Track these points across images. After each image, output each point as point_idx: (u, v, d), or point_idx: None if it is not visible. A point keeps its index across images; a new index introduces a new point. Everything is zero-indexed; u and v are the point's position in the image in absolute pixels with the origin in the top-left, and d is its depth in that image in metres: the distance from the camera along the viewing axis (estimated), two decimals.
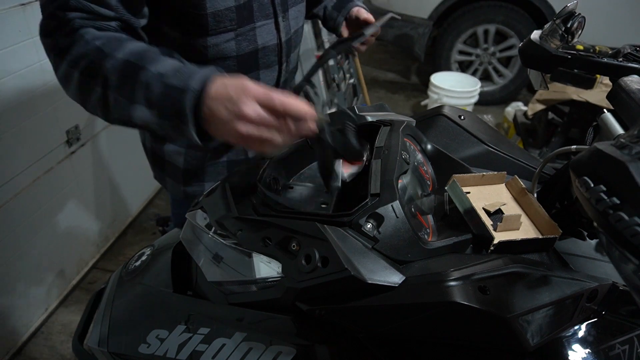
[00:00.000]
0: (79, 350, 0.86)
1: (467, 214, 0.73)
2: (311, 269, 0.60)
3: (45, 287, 1.91)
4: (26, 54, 1.58)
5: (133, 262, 0.92)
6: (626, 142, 0.40)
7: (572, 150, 0.68)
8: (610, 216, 0.37)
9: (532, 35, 0.91)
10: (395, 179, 0.68)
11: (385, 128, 0.82)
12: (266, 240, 0.68)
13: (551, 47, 0.86)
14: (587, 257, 0.73)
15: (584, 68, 0.83)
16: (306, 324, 0.66)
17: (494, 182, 0.81)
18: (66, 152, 1.88)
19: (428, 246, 0.65)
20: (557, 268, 0.65)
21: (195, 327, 0.71)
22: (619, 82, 0.69)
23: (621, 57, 0.80)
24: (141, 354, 0.74)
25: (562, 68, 0.85)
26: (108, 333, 0.80)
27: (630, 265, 0.38)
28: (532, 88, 3.74)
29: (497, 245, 0.68)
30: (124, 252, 2.30)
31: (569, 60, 0.84)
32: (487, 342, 0.59)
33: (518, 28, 3.40)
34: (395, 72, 4.53)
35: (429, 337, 0.60)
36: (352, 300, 0.60)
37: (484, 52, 3.61)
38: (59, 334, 1.88)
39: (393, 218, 0.63)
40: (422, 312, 0.57)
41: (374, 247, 0.62)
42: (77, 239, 2.07)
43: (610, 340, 0.64)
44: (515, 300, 0.56)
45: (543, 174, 0.80)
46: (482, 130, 0.91)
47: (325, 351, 0.65)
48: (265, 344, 0.66)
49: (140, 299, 0.81)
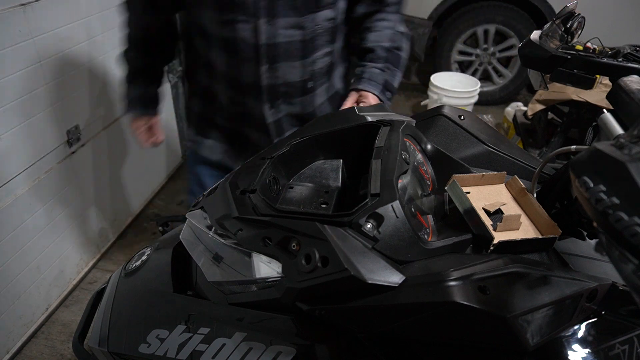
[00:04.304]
0: (79, 350, 0.86)
1: (467, 214, 0.73)
2: (311, 269, 0.60)
3: (45, 287, 1.91)
4: (26, 54, 1.58)
5: (133, 262, 0.92)
6: (626, 142, 0.40)
7: (572, 150, 0.68)
8: (610, 216, 0.37)
9: (532, 36, 0.91)
10: (395, 179, 0.68)
11: (385, 128, 0.82)
12: (266, 240, 0.68)
13: (551, 47, 0.86)
14: (587, 257, 0.73)
15: (583, 68, 0.84)
16: (306, 323, 0.66)
17: (494, 182, 0.81)
18: (66, 152, 1.88)
19: (428, 246, 0.65)
20: (557, 268, 0.65)
21: (195, 327, 0.71)
22: (619, 82, 0.69)
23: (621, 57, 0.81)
24: (141, 353, 0.74)
25: (561, 68, 0.85)
26: (108, 333, 0.80)
27: (630, 265, 0.38)
28: (532, 88, 3.74)
29: (497, 245, 0.68)
30: (124, 252, 2.30)
31: (569, 61, 0.84)
32: (487, 342, 0.59)
33: (518, 28, 3.40)
34: None
35: (429, 337, 0.60)
36: (352, 300, 0.60)
37: (483, 52, 3.61)
38: (59, 334, 1.88)
39: (393, 218, 0.63)
40: (422, 312, 0.57)
41: (374, 247, 0.62)
42: (77, 239, 2.07)
43: (610, 340, 0.64)
44: (515, 300, 0.56)
45: (543, 174, 0.80)
46: (482, 130, 0.91)
47: (325, 351, 0.65)
48: (265, 344, 0.66)
49: (140, 299, 0.81)
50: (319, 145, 0.88)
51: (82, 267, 2.14)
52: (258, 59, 1.07)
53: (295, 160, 0.87)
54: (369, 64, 1.15)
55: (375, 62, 1.15)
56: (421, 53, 3.68)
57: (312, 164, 0.88)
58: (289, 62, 1.10)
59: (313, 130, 0.88)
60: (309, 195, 0.82)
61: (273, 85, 1.12)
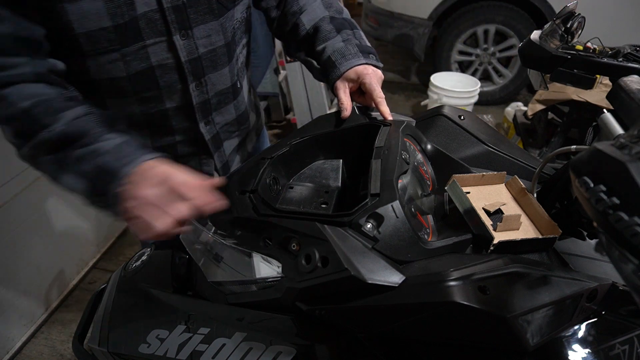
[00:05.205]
0: (79, 350, 0.86)
1: (467, 214, 0.73)
2: (311, 269, 0.60)
3: (45, 287, 1.91)
4: None
5: (133, 262, 0.92)
6: (626, 142, 0.40)
7: (572, 150, 0.68)
8: (610, 216, 0.37)
9: (532, 36, 0.91)
10: (395, 179, 0.68)
11: (385, 128, 0.82)
12: (266, 240, 0.68)
13: (551, 47, 0.86)
14: (587, 257, 0.73)
15: (583, 68, 0.84)
16: (306, 323, 0.66)
17: (494, 182, 0.81)
18: None
19: (428, 246, 0.65)
20: (557, 268, 0.65)
21: (195, 327, 0.71)
22: (619, 82, 0.69)
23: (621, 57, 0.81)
24: (141, 353, 0.74)
25: (561, 68, 0.85)
26: (108, 333, 0.80)
27: (630, 265, 0.38)
28: (532, 88, 3.74)
29: (497, 245, 0.68)
30: (124, 252, 2.30)
31: (569, 60, 0.84)
32: (487, 342, 0.59)
33: (518, 28, 3.40)
34: (395, 72, 4.53)
35: (429, 337, 0.60)
36: (352, 300, 0.60)
37: (483, 52, 3.61)
38: (59, 334, 1.88)
39: (393, 218, 0.63)
40: (422, 312, 0.57)
41: (374, 247, 0.62)
42: (77, 239, 2.07)
43: (610, 340, 0.64)
44: (515, 300, 0.56)
45: (543, 174, 0.80)
46: (482, 130, 0.91)
47: (325, 351, 0.65)
48: (265, 344, 0.66)
49: (140, 299, 0.81)
50: (319, 145, 0.88)
51: (82, 267, 2.14)
52: (184, 80, 0.89)
53: (295, 160, 0.87)
54: (326, 44, 0.94)
55: (330, 39, 0.94)
56: (421, 53, 3.68)
57: (312, 164, 0.88)
58: (216, 72, 0.93)
59: (313, 130, 0.88)
60: (309, 195, 0.82)
61: (205, 102, 0.95)
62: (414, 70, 4.56)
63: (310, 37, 0.97)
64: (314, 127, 0.90)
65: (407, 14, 3.62)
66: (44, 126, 0.72)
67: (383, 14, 3.76)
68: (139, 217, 0.68)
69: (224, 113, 1.02)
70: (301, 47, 1.01)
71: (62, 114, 0.74)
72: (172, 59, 0.86)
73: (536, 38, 0.89)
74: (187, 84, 0.90)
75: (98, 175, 0.72)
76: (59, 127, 0.73)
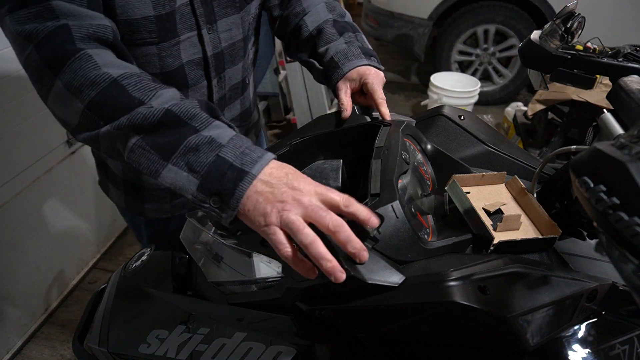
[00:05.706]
0: (79, 350, 0.86)
1: (467, 214, 0.73)
2: None
3: (45, 287, 1.91)
4: None
5: (133, 262, 0.92)
6: (626, 142, 0.40)
7: (572, 150, 0.68)
8: (610, 216, 0.37)
9: (532, 36, 0.91)
10: (395, 179, 0.68)
11: (385, 128, 0.82)
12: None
13: (551, 47, 0.86)
14: (587, 257, 0.73)
15: (584, 68, 0.84)
16: (306, 323, 0.66)
17: (494, 182, 0.81)
18: (66, 152, 1.88)
19: (428, 246, 0.65)
20: (557, 268, 0.65)
21: (195, 327, 0.71)
22: (619, 82, 0.69)
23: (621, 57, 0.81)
24: (141, 353, 0.74)
25: (562, 68, 0.85)
26: (108, 333, 0.80)
27: (630, 265, 0.38)
28: (532, 88, 3.74)
29: (497, 245, 0.68)
30: (124, 252, 2.30)
31: (569, 60, 0.84)
32: (487, 342, 0.59)
33: (518, 28, 3.40)
34: (395, 72, 4.53)
35: (429, 337, 0.60)
36: (352, 300, 0.60)
37: (483, 52, 3.61)
38: (59, 334, 1.88)
39: (393, 218, 0.63)
40: (422, 312, 0.57)
41: (374, 247, 0.62)
42: (77, 239, 2.07)
43: (610, 340, 0.64)
44: (515, 300, 0.56)
45: (543, 174, 0.80)
46: (482, 130, 0.91)
47: (325, 351, 0.65)
48: (265, 344, 0.66)
49: (140, 299, 0.81)
50: (319, 145, 0.88)
51: (82, 267, 2.14)
52: (208, 76, 0.90)
53: (295, 160, 0.87)
54: (329, 46, 0.93)
55: (333, 41, 0.94)
56: (421, 53, 3.69)
57: (312, 164, 0.88)
58: (233, 67, 0.95)
59: (313, 130, 0.88)
60: None
61: (222, 97, 0.97)
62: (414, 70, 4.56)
63: (313, 39, 0.97)
64: (314, 127, 0.90)
65: (407, 14, 3.62)
66: (140, 101, 0.61)
67: (383, 14, 3.76)
68: (302, 231, 0.54)
69: (232, 108, 1.03)
70: (303, 48, 1.01)
71: (160, 92, 0.63)
72: (199, 53, 0.86)
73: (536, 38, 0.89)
74: (211, 80, 0.91)
75: (219, 171, 0.58)
76: (159, 103, 0.61)
